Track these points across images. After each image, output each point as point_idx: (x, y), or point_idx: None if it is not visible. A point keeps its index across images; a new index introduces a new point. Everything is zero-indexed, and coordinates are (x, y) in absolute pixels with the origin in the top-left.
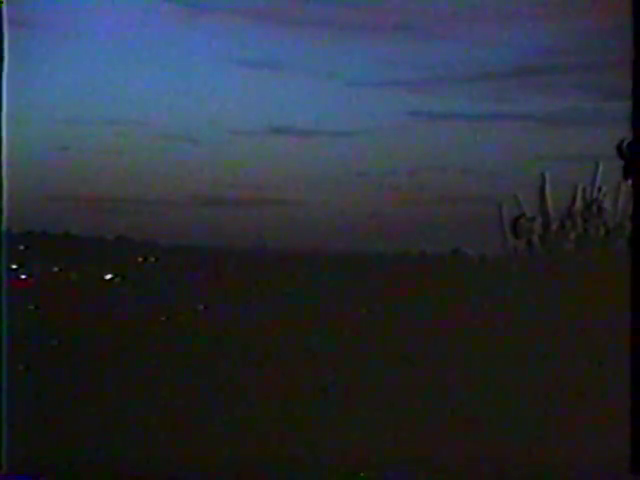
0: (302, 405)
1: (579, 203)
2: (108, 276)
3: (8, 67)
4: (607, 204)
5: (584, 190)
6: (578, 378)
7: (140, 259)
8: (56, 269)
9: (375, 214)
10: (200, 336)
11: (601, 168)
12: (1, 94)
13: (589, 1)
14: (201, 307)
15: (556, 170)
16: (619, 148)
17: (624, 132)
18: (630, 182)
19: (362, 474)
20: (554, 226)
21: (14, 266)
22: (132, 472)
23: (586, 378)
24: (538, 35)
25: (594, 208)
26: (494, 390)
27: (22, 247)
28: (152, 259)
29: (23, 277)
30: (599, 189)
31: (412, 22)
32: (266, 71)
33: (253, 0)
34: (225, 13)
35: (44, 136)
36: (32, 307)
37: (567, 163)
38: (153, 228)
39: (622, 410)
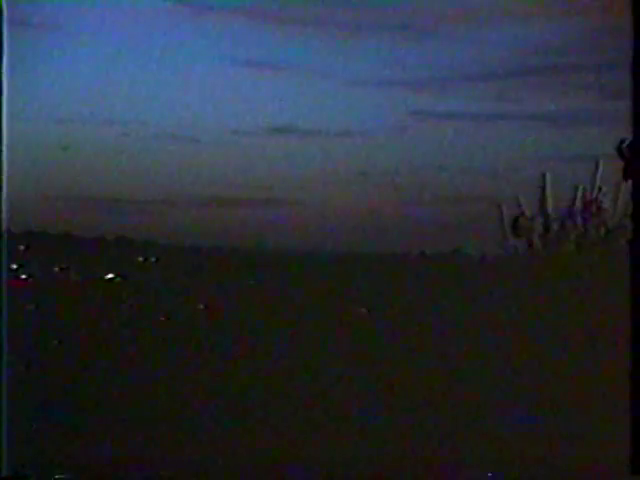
0: (302, 405)
1: (579, 203)
2: (108, 276)
3: (8, 67)
4: (607, 204)
5: (584, 190)
6: (578, 378)
7: (140, 259)
8: (56, 269)
9: (375, 214)
10: (200, 336)
11: (601, 168)
12: (1, 94)
13: (589, 1)
14: (201, 307)
15: (556, 170)
16: (619, 148)
17: (624, 132)
18: (630, 182)
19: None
20: (554, 226)
21: (14, 266)
22: (132, 472)
23: (586, 378)
24: (538, 35)
25: (594, 208)
26: (494, 390)
27: (22, 247)
28: (152, 259)
29: (23, 277)
30: (599, 189)
31: (412, 22)
32: (266, 71)
33: (253, 0)
34: (225, 13)
35: (44, 136)
36: (32, 307)
37: (567, 163)
38: (153, 228)
39: (622, 410)
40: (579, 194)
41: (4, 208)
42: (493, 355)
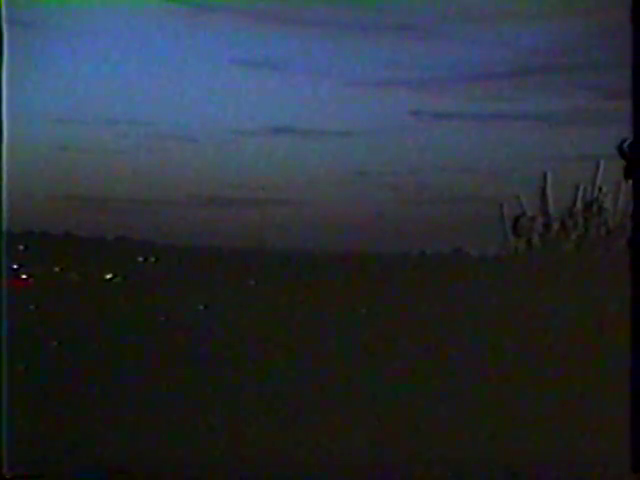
0: (302, 405)
1: (580, 203)
2: (108, 276)
3: (8, 67)
4: (607, 204)
5: (584, 190)
6: (578, 378)
7: (140, 259)
8: (56, 269)
9: (375, 214)
10: (200, 336)
11: (601, 168)
12: (1, 94)
13: (589, 1)
14: (201, 307)
15: (557, 170)
16: (620, 148)
17: (625, 132)
18: (630, 182)
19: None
20: (555, 226)
21: (14, 266)
22: (131, 471)
23: (586, 378)
24: (538, 35)
25: (594, 208)
26: (495, 389)
27: (22, 247)
28: (152, 259)
29: (23, 277)
30: (599, 189)
31: (412, 22)
32: (266, 71)
33: (253, 0)
34: (225, 13)
35: (44, 136)
36: (32, 307)
37: (567, 163)
38: (153, 228)
39: (622, 410)
40: (579, 194)
41: (4, 208)
42: (493, 354)
